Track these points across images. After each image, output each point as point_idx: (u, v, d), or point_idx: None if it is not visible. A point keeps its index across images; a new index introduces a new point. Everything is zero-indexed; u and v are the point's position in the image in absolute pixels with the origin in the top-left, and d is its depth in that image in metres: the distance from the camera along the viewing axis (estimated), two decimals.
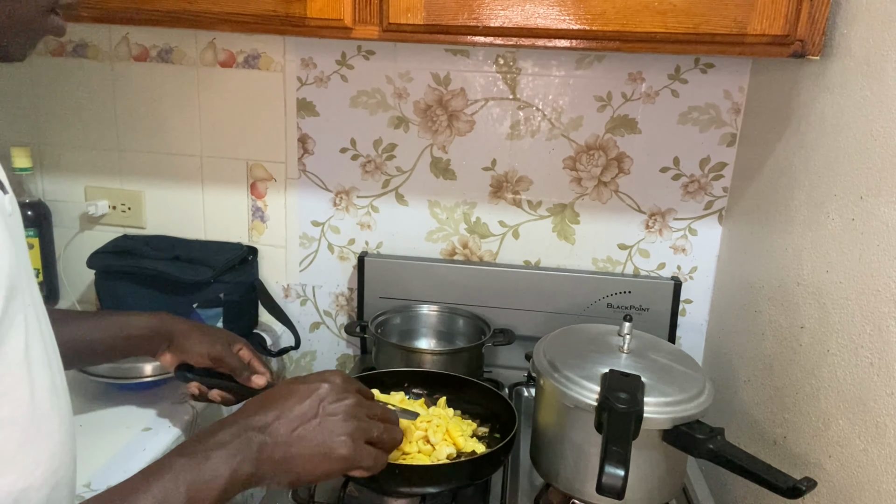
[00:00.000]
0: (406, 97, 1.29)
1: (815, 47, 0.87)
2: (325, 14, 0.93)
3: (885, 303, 0.72)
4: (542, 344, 0.93)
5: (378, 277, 1.31)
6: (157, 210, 1.42)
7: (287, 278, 1.42)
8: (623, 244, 1.31)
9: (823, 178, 0.88)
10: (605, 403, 0.77)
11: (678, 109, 1.23)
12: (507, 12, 0.90)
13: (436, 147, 1.31)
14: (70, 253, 1.44)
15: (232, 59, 1.32)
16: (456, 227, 1.35)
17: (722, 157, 1.23)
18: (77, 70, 1.37)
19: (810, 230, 0.90)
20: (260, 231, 1.40)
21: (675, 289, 1.25)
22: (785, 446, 0.93)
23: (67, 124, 1.40)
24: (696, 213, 1.27)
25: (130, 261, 1.26)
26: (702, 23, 0.86)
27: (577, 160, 1.28)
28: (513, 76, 1.26)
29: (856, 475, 0.75)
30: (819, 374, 0.85)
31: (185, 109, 1.35)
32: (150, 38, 1.33)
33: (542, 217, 1.32)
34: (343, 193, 1.36)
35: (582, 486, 0.84)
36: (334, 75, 1.30)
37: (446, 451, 0.88)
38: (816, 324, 0.87)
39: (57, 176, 1.43)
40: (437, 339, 1.30)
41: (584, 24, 0.89)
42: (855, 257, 0.79)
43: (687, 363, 0.89)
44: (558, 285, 1.27)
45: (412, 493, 0.88)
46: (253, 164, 1.37)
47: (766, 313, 1.02)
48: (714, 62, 1.20)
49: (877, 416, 0.72)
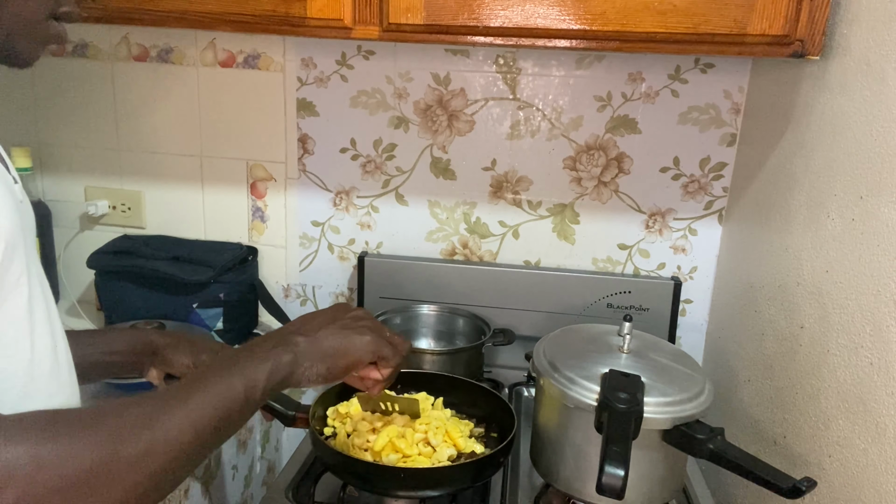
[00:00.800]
0: (406, 97, 1.29)
1: (815, 47, 0.87)
2: (325, 14, 0.93)
3: (885, 303, 0.72)
4: (542, 344, 0.93)
5: (378, 277, 1.31)
6: (157, 210, 1.42)
7: (287, 278, 1.42)
8: (623, 244, 1.31)
9: (823, 178, 0.88)
10: (605, 403, 0.77)
11: (678, 109, 1.23)
12: (507, 12, 0.90)
13: (436, 147, 1.31)
14: (70, 253, 1.44)
15: (232, 59, 1.32)
16: (456, 227, 1.35)
17: (722, 157, 1.23)
18: (77, 70, 1.37)
19: (810, 230, 0.90)
20: (260, 231, 1.40)
21: (675, 289, 1.25)
22: (785, 446, 0.93)
23: (67, 124, 1.40)
24: (696, 213, 1.27)
25: (130, 261, 1.26)
26: (702, 23, 0.86)
27: (577, 160, 1.28)
28: (513, 76, 1.26)
29: (856, 475, 0.75)
30: (819, 374, 0.85)
31: (185, 109, 1.35)
32: (150, 38, 1.33)
33: (542, 217, 1.32)
34: (343, 193, 1.36)
35: (582, 486, 0.84)
36: (334, 75, 1.30)
37: (447, 453, 0.88)
38: (816, 324, 0.87)
39: (57, 176, 1.43)
40: (437, 339, 1.30)
41: (584, 24, 0.89)
42: (855, 257, 0.79)
43: (687, 363, 0.89)
44: (558, 285, 1.27)
45: (413, 496, 0.88)
46: (253, 164, 1.37)
47: (766, 313, 1.02)
48: (714, 62, 1.20)
49: (877, 416, 0.72)
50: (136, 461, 0.47)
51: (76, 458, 0.43)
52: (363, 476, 0.86)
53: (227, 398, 0.56)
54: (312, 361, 0.66)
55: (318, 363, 0.67)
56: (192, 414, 0.52)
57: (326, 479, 0.93)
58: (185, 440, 0.51)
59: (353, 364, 0.71)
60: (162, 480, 0.49)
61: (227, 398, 0.56)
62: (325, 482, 0.94)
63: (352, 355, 0.70)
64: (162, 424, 0.49)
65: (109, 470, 0.45)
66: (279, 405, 0.93)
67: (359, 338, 0.71)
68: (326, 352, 0.68)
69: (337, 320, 0.72)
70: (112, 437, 0.46)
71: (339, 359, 0.69)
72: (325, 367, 0.67)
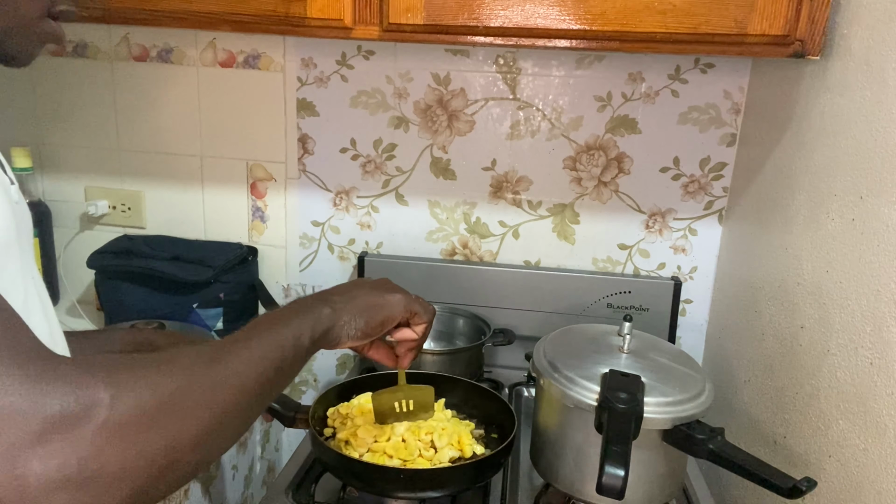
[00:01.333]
0: (406, 97, 1.29)
1: (815, 47, 0.87)
2: (325, 14, 0.93)
3: (885, 303, 0.72)
4: (542, 344, 0.93)
5: (378, 277, 1.31)
6: (157, 210, 1.42)
7: (287, 278, 1.42)
8: (623, 244, 1.31)
9: (823, 178, 0.88)
10: (605, 403, 0.77)
11: (678, 109, 1.23)
12: (507, 12, 0.90)
13: (436, 147, 1.31)
14: (70, 253, 1.44)
15: (232, 59, 1.32)
16: (456, 227, 1.35)
17: (722, 157, 1.23)
18: (77, 70, 1.37)
19: (810, 230, 0.90)
20: (260, 231, 1.40)
21: (675, 289, 1.25)
22: (785, 446, 0.93)
23: (67, 124, 1.40)
24: (696, 213, 1.27)
25: (130, 261, 1.26)
26: (702, 23, 0.86)
27: (577, 160, 1.28)
28: (513, 76, 1.26)
29: (856, 475, 0.75)
30: (819, 374, 0.85)
31: (185, 109, 1.35)
32: (150, 38, 1.33)
33: (542, 217, 1.32)
34: (343, 193, 1.36)
35: (582, 486, 0.84)
36: (334, 75, 1.30)
37: (449, 455, 0.89)
38: (816, 324, 0.87)
39: (57, 176, 1.43)
40: (437, 339, 1.30)
41: (584, 24, 0.89)
42: (855, 257, 0.79)
43: (687, 363, 0.89)
44: (558, 285, 1.27)
45: (413, 497, 0.88)
46: (253, 164, 1.37)
47: (766, 313, 1.02)
48: (714, 62, 1.20)
49: (877, 416, 0.72)
50: (210, 391, 0.48)
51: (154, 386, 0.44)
52: (363, 476, 0.86)
53: (279, 347, 0.58)
54: (351, 316, 0.69)
55: (356, 317, 0.69)
56: (254, 356, 0.54)
57: (326, 479, 0.93)
58: (250, 380, 0.52)
59: (388, 319, 0.74)
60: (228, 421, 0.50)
61: (279, 347, 0.58)
62: (325, 482, 0.94)
63: (387, 310, 0.73)
64: (229, 361, 0.51)
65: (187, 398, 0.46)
66: (279, 405, 0.93)
67: (391, 295, 0.74)
68: (362, 307, 0.71)
69: (366, 285, 0.75)
70: (186, 369, 0.47)
71: (375, 313, 0.72)
72: (362, 321, 0.70)
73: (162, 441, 0.43)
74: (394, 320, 0.74)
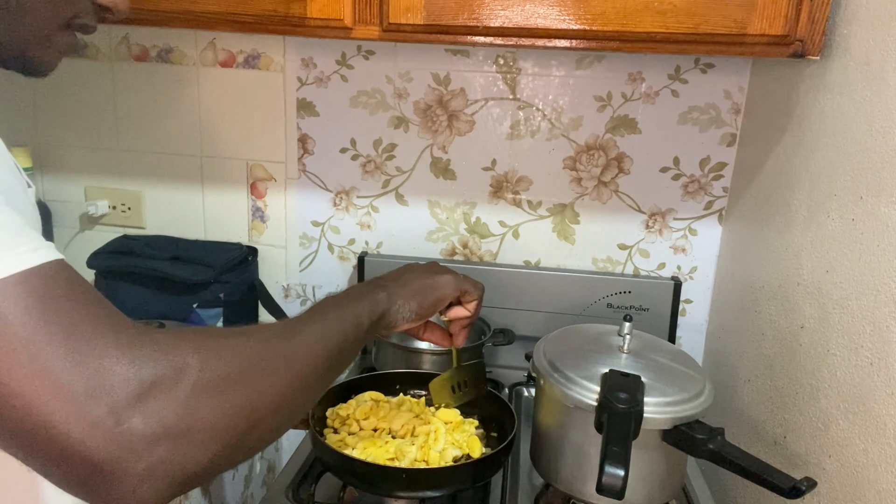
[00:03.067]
0: (406, 97, 1.29)
1: (815, 47, 0.87)
2: (325, 14, 0.93)
3: (885, 303, 0.72)
4: (542, 344, 0.93)
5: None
6: (157, 210, 1.42)
7: (287, 278, 1.42)
8: (623, 244, 1.31)
9: (823, 178, 0.88)
10: (605, 403, 0.77)
11: (678, 109, 1.23)
12: (507, 12, 0.90)
13: (436, 147, 1.31)
14: (70, 253, 1.44)
15: (232, 59, 1.32)
16: (456, 227, 1.35)
17: (722, 157, 1.23)
18: (77, 70, 1.37)
19: (810, 230, 0.90)
20: (260, 231, 1.40)
21: (675, 289, 1.25)
22: (785, 446, 0.93)
23: (67, 124, 1.40)
24: (696, 213, 1.27)
25: (130, 261, 1.26)
26: (702, 23, 0.86)
27: (577, 160, 1.28)
28: (513, 76, 1.26)
29: (856, 475, 0.75)
30: (819, 374, 0.85)
31: (185, 109, 1.35)
32: (150, 38, 1.33)
33: (542, 217, 1.32)
34: (343, 193, 1.36)
35: (582, 486, 0.84)
36: (334, 75, 1.30)
37: (452, 454, 0.89)
38: (816, 324, 0.87)
39: (57, 176, 1.43)
40: None
41: (584, 24, 0.89)
42: (855, 257, 0.79)
43: (687, 363, 0.89)
44: (558, 285, 1.27)
45: (413, 496, 0.88)
46: (253, 164, 1.37)
47: (766, 313, 1.02)
48: (714, 62, 1.20)
49: (877, 416, 0.72)
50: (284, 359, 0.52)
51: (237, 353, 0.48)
52: (363, 476, 0.86)
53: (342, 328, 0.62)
54: (405, 299, 0.72)
55: (409, 300, 0.73)
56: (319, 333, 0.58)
57: (326, 479, 0.93)
58: (318, 354, 0.56)
59: (440, 299, 0.77)
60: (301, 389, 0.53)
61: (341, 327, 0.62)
62: (325, 482, 0.94)
63: (439, 290, 0.77)
64: (300, 336, 0.56)
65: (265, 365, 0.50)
66: None
67: (441, 276, 0.78)
68: (415, 289, 0.74)
69: (416, 268, 0.78)
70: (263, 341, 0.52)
71: (428, 294, 0.75)
72: (416, 303, 0.73)
73: (245, 401, 0.47)
74: (446, 300, 0.78)
